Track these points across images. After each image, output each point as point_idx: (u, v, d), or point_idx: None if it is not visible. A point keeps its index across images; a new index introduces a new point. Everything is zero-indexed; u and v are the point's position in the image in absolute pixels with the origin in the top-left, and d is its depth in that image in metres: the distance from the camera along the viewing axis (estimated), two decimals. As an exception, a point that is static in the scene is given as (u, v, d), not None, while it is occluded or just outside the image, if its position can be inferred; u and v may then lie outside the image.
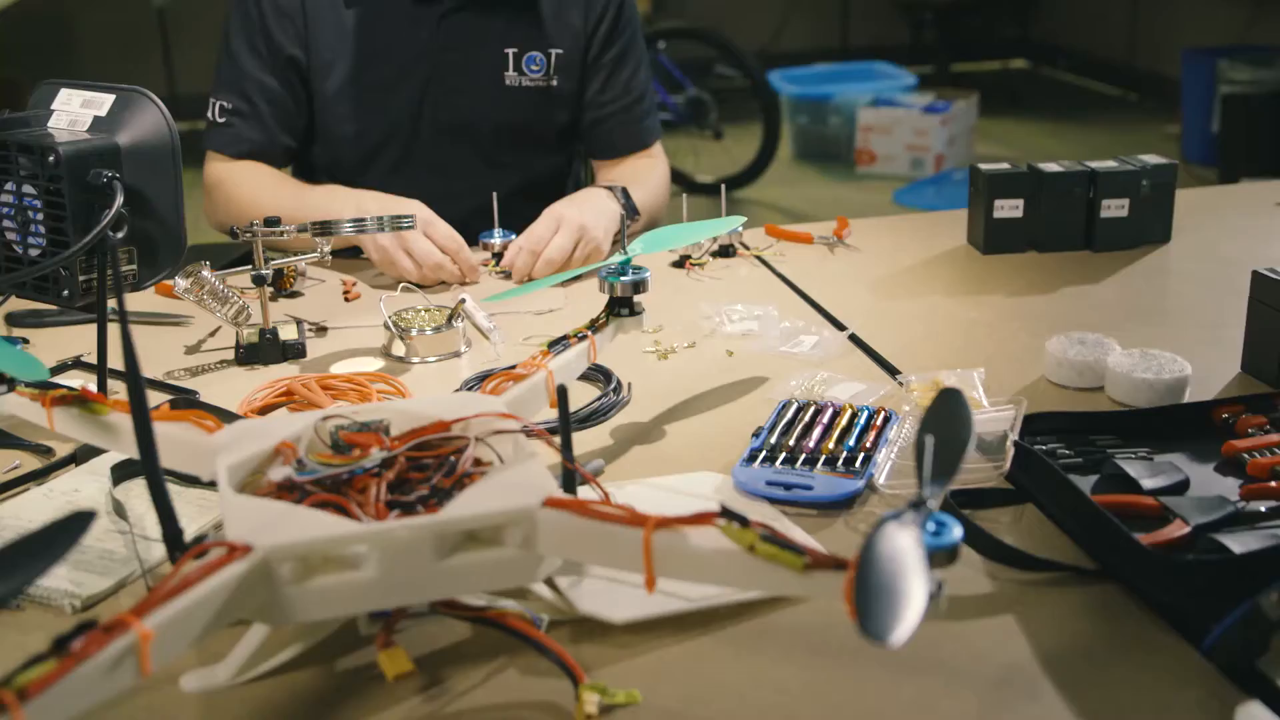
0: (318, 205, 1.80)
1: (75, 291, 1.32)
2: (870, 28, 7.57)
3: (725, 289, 1.74)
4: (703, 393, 1.41)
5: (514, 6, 1.97)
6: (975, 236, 1.87)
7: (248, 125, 1.94)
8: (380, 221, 1.49)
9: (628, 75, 2.07)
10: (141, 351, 1.49)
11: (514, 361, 1.47)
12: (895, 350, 1.51)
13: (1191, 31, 6.37)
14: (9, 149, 1.32)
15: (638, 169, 2.10)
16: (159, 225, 1.36)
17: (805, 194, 5.47)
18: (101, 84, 1.38)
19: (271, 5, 1.94)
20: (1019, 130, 6.41)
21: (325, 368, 1.50)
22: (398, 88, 1.96)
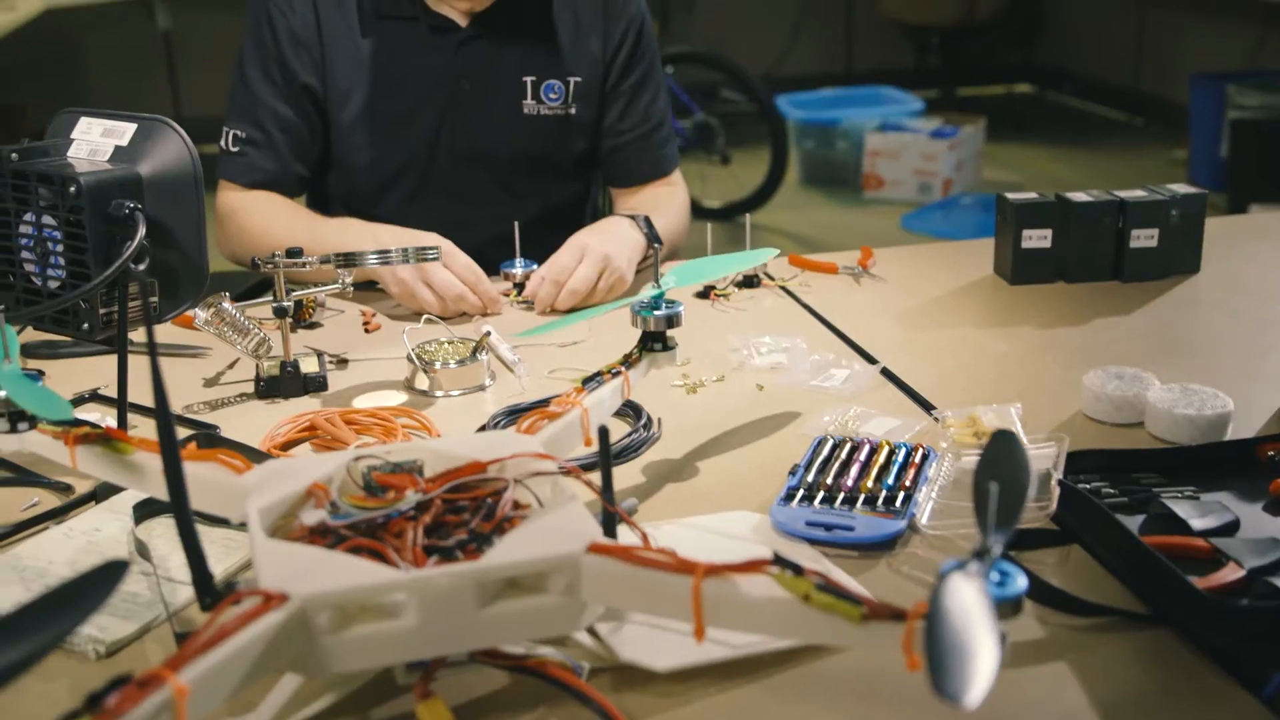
0: (331, 238, 1.77)
1: (96, 325, 1.30)
2: (874, 52, 7.57)
3: (751, 320, 1.71)
4: (734, 428, 1.38)
5: (532, 34, 1.95)
6: (1003, 266, 1.85)
7: (261, 155, 1.91)
8: (405, 253, 1.47)
9: (646, 102, 2.05)
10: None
11: (540, 395, 1.45)
12: (927, 384, 1.48)
13: (1197, 56, 6.36)
14: (29, 179, 1.30)
15: (657, 197, 2.08)
16: (181, 256, 1.33)
17: (813, 219, 5.45)
18: (122, 113, 1.36)
19: (287, 33, 1.92)
20: (1026, 155, 6.39)
21: (347, 401, 1.47)
22: (415, 116, 1.94)
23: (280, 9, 1.91)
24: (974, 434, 1.33)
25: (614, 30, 2.00)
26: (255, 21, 1.94)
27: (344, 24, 1.92)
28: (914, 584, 1.08)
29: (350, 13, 1.92)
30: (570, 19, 1.97)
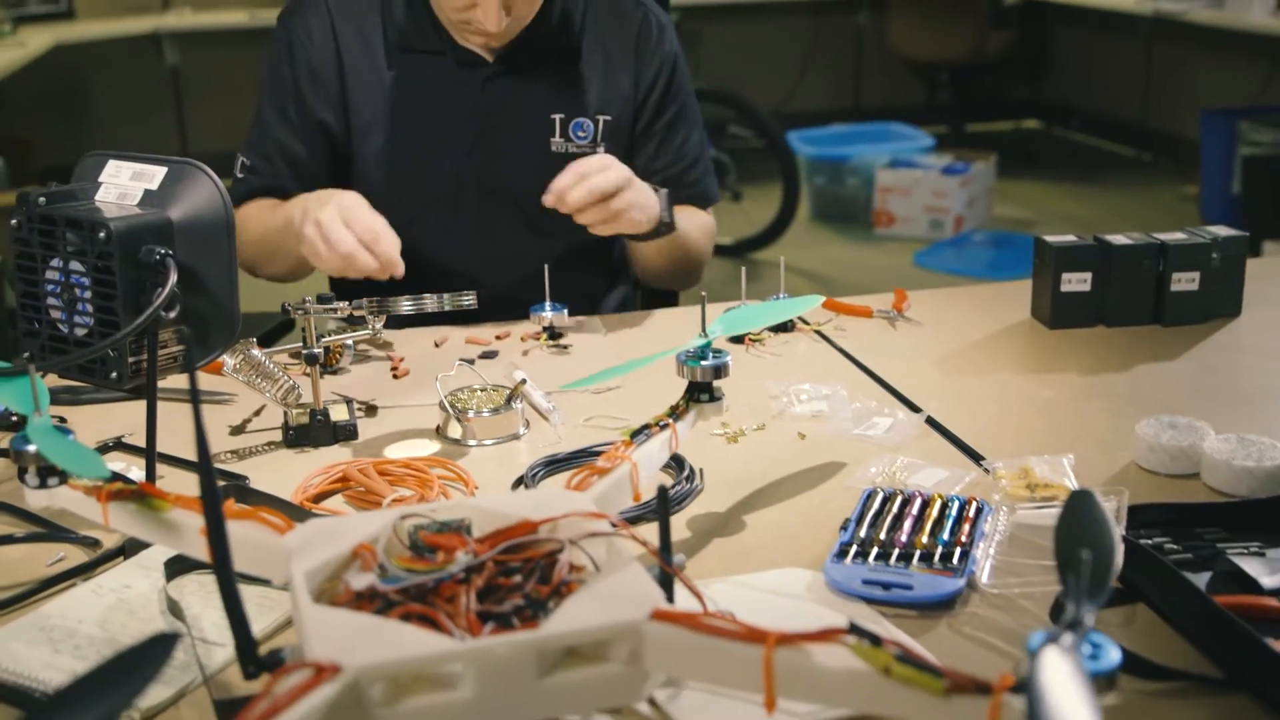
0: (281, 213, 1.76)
1: (125, 374, 1.26)
2: (883, 87, 7.57)
3: (787, 366, 1.67)
4: (779, 479, 1.35)
5: (561, 71, 1.92)
6: (1041, 310, 1.81)
7: (260, 179, 1.91)
8: (440, 299, 1.44)
9: (679, 141, 2.02)
10: (181, 432, 1.44)
11: (576, 444, 1.41)
12: (973, 433, 1.44)
13: (1206, 92, 6.35)
14: (56, 224, 1.26)
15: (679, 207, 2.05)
16: (211, 303, 1.29)
17: (824, 256, 5.42)
18: (152, 156, 1.32)
19: (306, 67, 1.89)
20: (1036, 191, 6.37)
21: (378, 451, 1.43)
22: (441, 151, 1.91)
23: (300, 42, 1.89)
24: (1027, 486, 1.29)
25: (646, 70, 1.97)
26: (275, 54, 1.92)
27: (367, 57, 1.89)
28: (978, 646, 1.04)
29: (375, 45, 1.89)
30: (601, 57, 1.94)
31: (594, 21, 1.94)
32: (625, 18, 1.97)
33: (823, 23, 7.41)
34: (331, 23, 1.90)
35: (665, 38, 2.00)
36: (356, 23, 1.90)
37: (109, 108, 6.57)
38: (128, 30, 6.07)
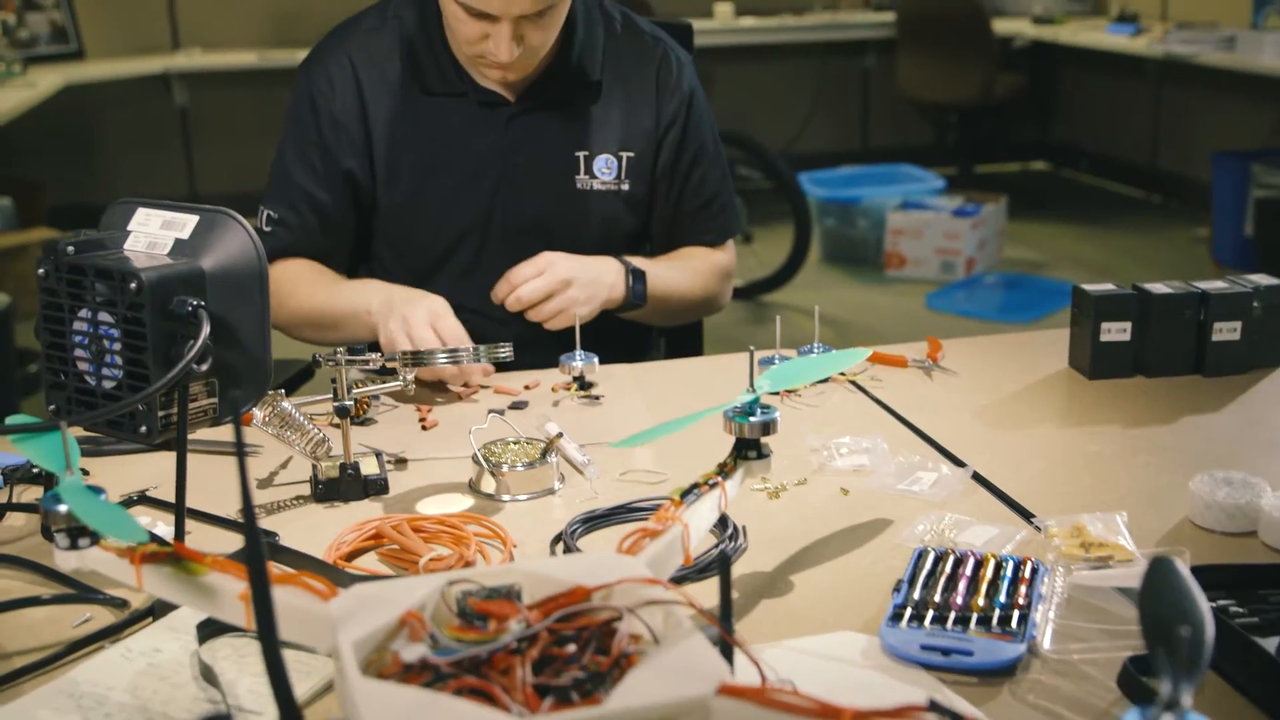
0: (347, 300, 1.81)
1: (154, 428, 1.22)
2: (890, 129, 7.57)
3: (824, 417, 1.64)
4: (824, 537, 1.31)
5: (583, 108, 1.91)
6: (1079, 360, 1.78)
7: (290, 234, 1.89)
8: (476, 353, 1.40)
9: (699, 178, 2.00)
10: (208, 485, 1.40)
11: (613, 499, 1.38)
12: (1020, 488, 1.41)
13: (1216, 134, 6.34)
14: (85, 274, 1.23)
15: (686, 253, 2.03)
16: (243, 356, 1.26)
17: (835, 298, 5.39)
18: (183, 204, 1.29)
19: (329, 117, 1.87)
20: (1046, 233, 6.35)
21: (410, 506, 1.40)
22: (466, 194, 1.89)
23: (322, 92, 1.88)
24: (1081, 545, 1.25)
25: (666, 106, 1.95)
26: (297, 104, 1.90)
27: (390, 103, 1.87)
28: (1045, 716, 1.00)
29: (397, 91, 1.87)
30: (622, 93, 1.93)
31: (614, 58, 1.93)
32: (645, 54, 1.96)
33: (830, 64, 7.42)
34: (354, 71, 1.88)
35: (685, 74, 1.99)
36: (378, 70, 1.88)
37: (117, 148, 6.56)
38: (138, 71, 6.07)
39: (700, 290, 2.01)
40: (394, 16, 1.91)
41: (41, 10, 6.06)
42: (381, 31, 1.90)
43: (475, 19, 1.73)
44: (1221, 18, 6.06)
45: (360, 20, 1.93)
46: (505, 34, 1.73)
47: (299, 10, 6.58)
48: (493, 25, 1.73)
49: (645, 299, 1.84)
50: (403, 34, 1.89)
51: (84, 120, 6.41)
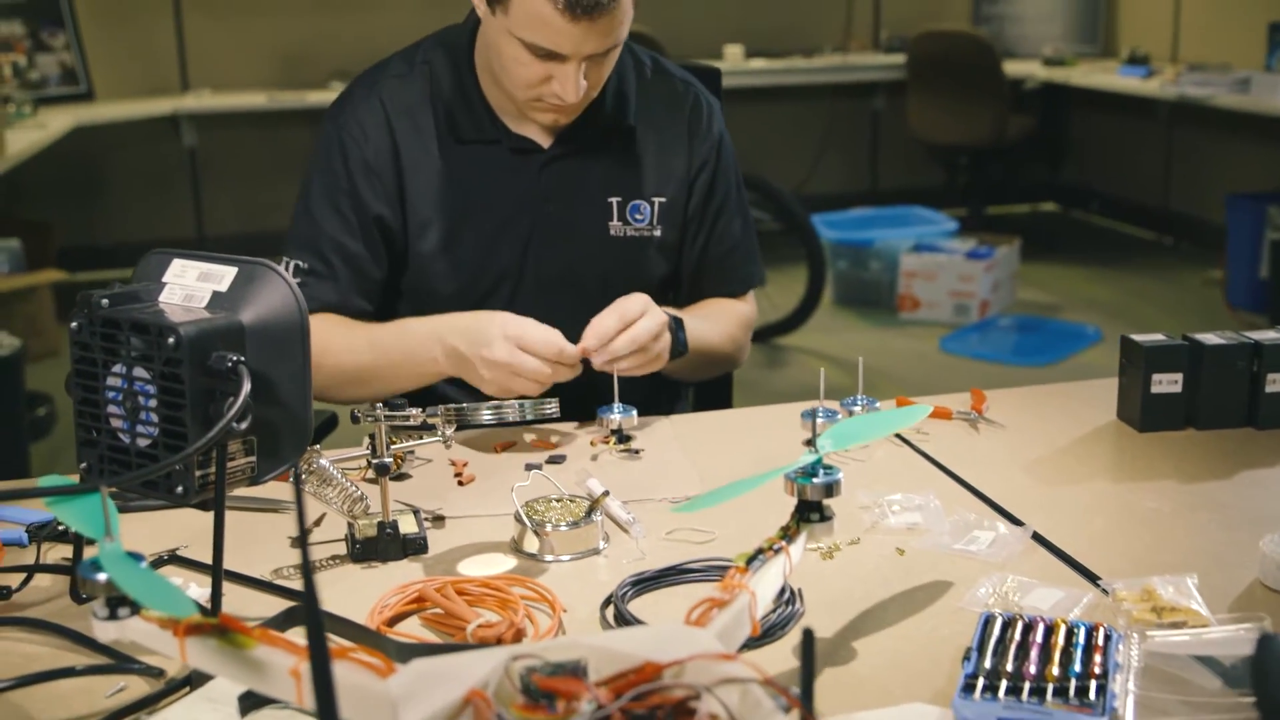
0: (391, 345, 1.74)
1: (191, 489, 1.18)
2: (899, 170, 7.55)
3: (871, 473, 1.59)
4: (883, 600, 1.26)
5: (616, 153, 1.88)
6: (1128, 412, 1.73)
7: (321, 286, 1.82)
8: (522, 408, 1.36)
9: (726, 223, 1.97)
10: (239, 542, 1.35)
11: (661, 560, 1.33)
12: (1081, 547, 1.36)
13: (1229, 176, 6.32)
14: (120, 328, 1.19)
15: (711, 306, 1.99)
16: (283, 412, 1.22)
17: (848, 341, 5.35)
18: (220, 255, 1.25)
19: (360, 163, 1.83)
20: (1058, 275, 6.32)
21: (451, 566, 1.35)
22: (499, 242, 1.85)
23: (354, 138, 1.83)
24: (1152, 610, 1.21)
25: (698, 150, 1.92)
26: (326, 150, 1.85)
27: (422, 150, 1.83)
28: (1133, 797, 0.95)
29: (429, 138, 1.83)
30: (654, 138, 1.90)
31: (646, 103, 1.90)
32: (676, 98, 1.93)
33: (839, 106, 7.40)
34: (386, 117, 1.84)
35: (715, 119, 1.96)
36: (410, 116, 1.84)
37: (126, 189, 6.53)
38: (148, 112, 6.04)
39: (729, 343, 1.97)
40: (423, 62, 1.87)
41: (51, 52, 6.05)
42: (410, 78, 1.86)
43: (541, 60, 1.69)
44: (1234, 59, 6.05)
45: (388, 66, 1.89)
46: (573, 74, 1.69)
47: (308, 52, 6.57)
48: (559, 66, 1.69)
49: (688, 348, 1.80)
50: (433, 80, 1.85)
51: (93, 161, 6.39)
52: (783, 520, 1.40)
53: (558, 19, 1.63)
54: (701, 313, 1.95)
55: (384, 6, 6.66)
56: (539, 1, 1.63)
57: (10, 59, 5.81)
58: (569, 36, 1.65)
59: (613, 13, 1.65)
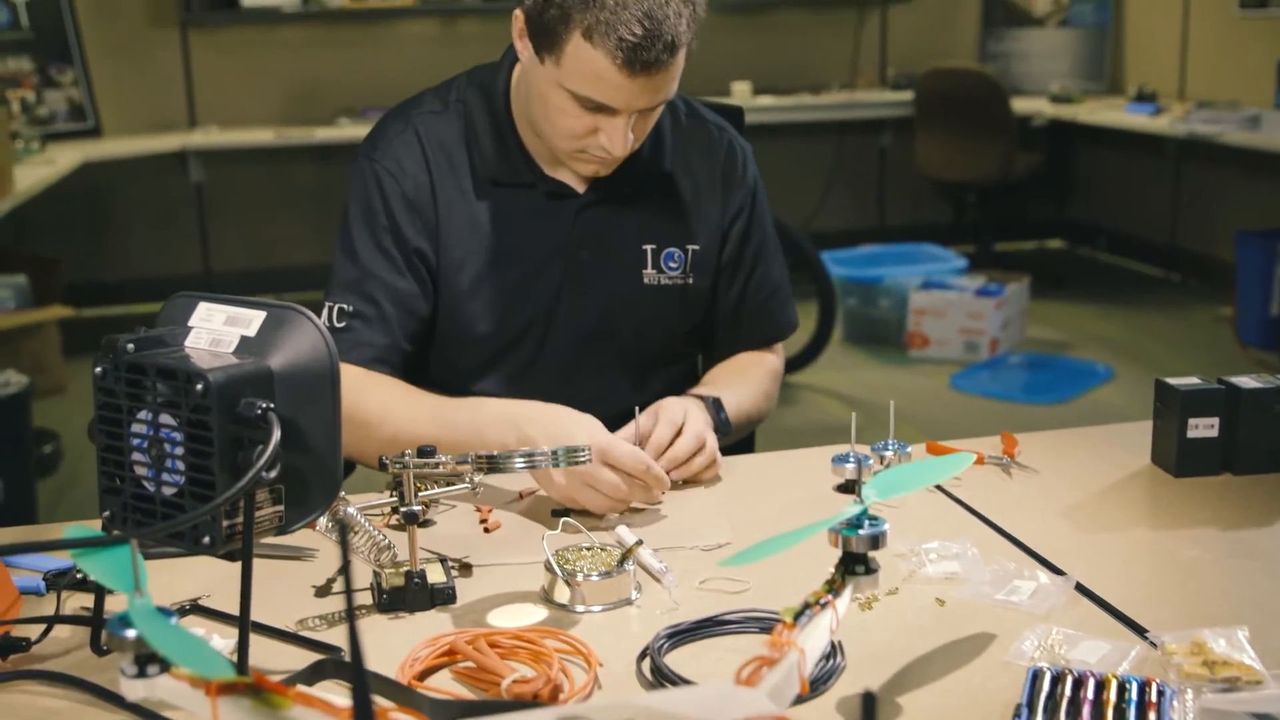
0: (462, 423, 1.64)
1: (218, 539, 1.15)
2: (906, 207, 7.54)
3: (904, 520, 1.55)
4: (925, 653, 1.23)
5: (651, 200, 1.84)
6: (1163, 457, 1.70)
7: (371, 330, 1.76)
8: (555, 456, 1.33)
9: (762, 270, 1.94)
10: (262, 592, 1.31)
11: (696, 611, 1.30)
12: (1124, 597, 1.33)
13: (1236, 213, 6.31)
14: (146, 373, 1.16)
15: (744, 364, 1.96)
16: (312, 460, 1.19)
17: (858, 379, 5.33)
18: (247, 299, 1.23)
19: (400, 198, 1.79)
20: (1067, 312, 6.30)
21: (481, 616, 1.32)
22: (532, 286, 1.81)
23: (390, 173, 1.79)
24: (1204, 664, 1.17)
25: (732, 198, 1.89)
26: (362, 189, 1.80)
27: (457, 189, 1.80)
28: None
29: (464, 178, 1.80)
30: (689, 184, 1.87)
31: (680, 148, 1.87)
32: (711, 145, 1.90)
33: (846, 143, 7.41)
34: (423, 151, 1.80)
35: (749, 165, 1.93)
36: (445, 154, 1.81)
37: (132, 225, 6.53)
38: (155, 148, 6.04)
39: (764, 402, 1.95)
40: (457, 101, 1.84)
41: (60, 88, 6.05)
42: (445, 115, 1.83)
43: (589, 112, 1.65)
44: (1242, 96, 6.05)
45: (421, 102, 1.85)
46: (622, 128, 1.66)
47: (315, 89, 6.57)
48: (608, 119, 1.65)
49: (731, 426, 1.78)
50: (467, 120, 1.82)
51: (100, 197, 6.38)
52: (817, 568, 1.38)
53: (615, 74, 1.59)
54: (734, 379, 1.91)
55: (391, 43, 6.68)
56: (596, 55, 1.58)
57: (19, 95, 5.82)
58: (624, 91, 1.61)
59: (669, 68, 1.62)
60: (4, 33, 5.90)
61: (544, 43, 1.63)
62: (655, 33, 1.57)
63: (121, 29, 6.34)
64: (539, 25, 1.63)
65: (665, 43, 1.58)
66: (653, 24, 1.57)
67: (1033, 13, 7.42)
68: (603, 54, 1.58)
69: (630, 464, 1.52)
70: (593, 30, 1.57)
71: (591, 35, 1.58)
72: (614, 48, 1.57)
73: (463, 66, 1.90)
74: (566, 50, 1.61)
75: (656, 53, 1.58)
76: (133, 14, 6.37)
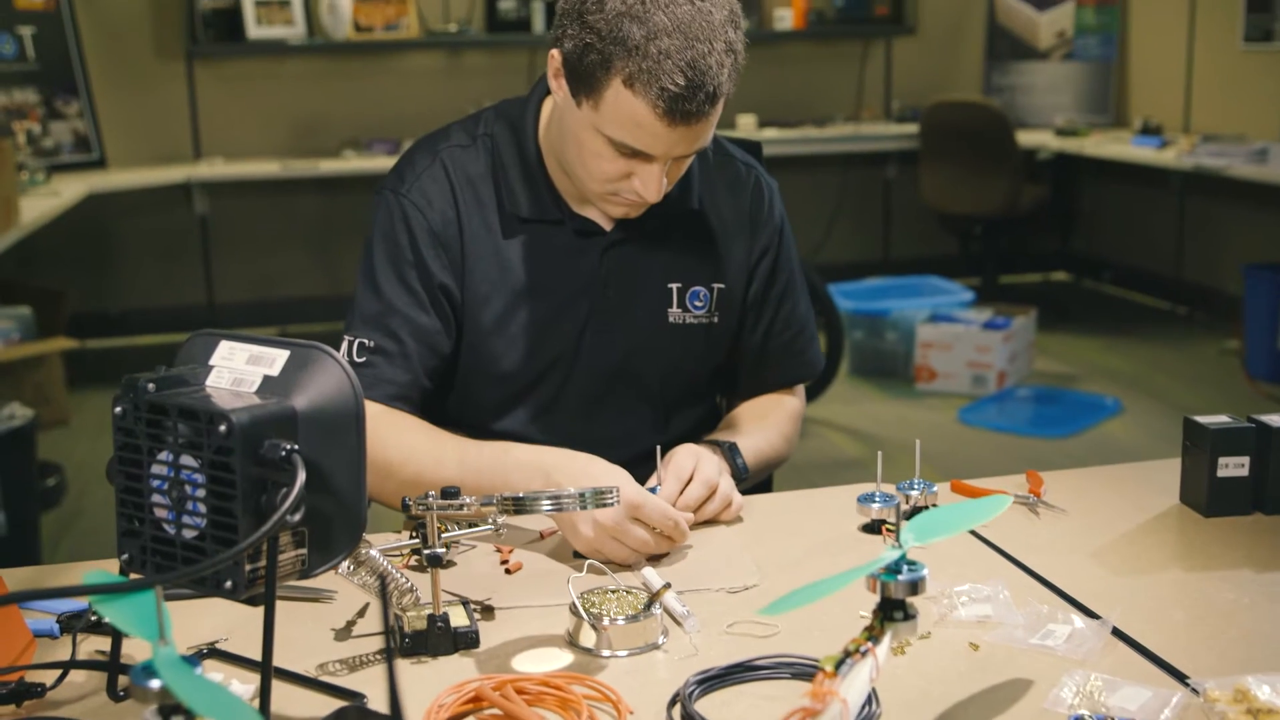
0: (486, 467, 1.61)
1: (241, 584, 1.12)
2: (911, 240, 7.54)
3: (933, 561, 1.50)
4: (962, 700, 1.20)
5: (678, 238, 1.81)
6: (1193, 497, 1.68)
7: (392, 366, 1.72)
8: (583, 499, 1.30)
9: (790, 308, 1.92)
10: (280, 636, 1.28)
11: (726, 655, 1.27)
12: (1162, 642, 1.30)
13: (1242, 245, 6.30)
14: (168, 414, 1.14)
15: (765, 407, 1.93)
16: (336, 503, 1.16)
17: (866, 412, 5.30)
18: (270, 338, 1.20)
19: (426, 233, 1.75)
20: (1073, 345, 6.28)
21: (505, 661, 1.29)
22: (557, 324, 1.78)
23: (418, 207, 1.76)
24: (1248, 712, 1.15)
25: (760, 236, 1.87)
26: (387, 223, 1.77)
27: (484, 224, 1.77)
28: None
29: (491, 214, 1.77)
30: (716, 222, 1.84)
31: (709, 186, 1.84)
32: (738, 182, 1.87)
33: (851, 175, 7.41)
34: (451, 186, 1.77)
35: (776, 203, 1.91)
36: (473, 189, 1.78)
37: (136, 256, 6.51)
38: (160, 180, 6.03)
39: (783, 444, 1.92)
40: (484, 134, 1.81)
41: (65, 119, 6.05)
42: (473, 150, 1.80)
43: (625, 157, 1.62)
44: (1248, 130, 6.05)
45: (449, 134, 1.82)
46: (657, 174, 1.63)
47: (320, 121, 6.57)
48: (644, 165, 1.62)
49: (748, 471, 1.76)
50: (495, 154, 1.79)
51: (105, 229, 6.37)
52: (845, 611, 1.36)
53: (655, 123, 1.56)
54: (753, 422, 1.88)
55: (397, 76, 6.68)
56: (637, 103, 1.55)
57: (24, 126, 5.81)
58: (662, 140, 1.58)
59: (709, 117, 1.58)
60: (10, 64, 5.90)
61: (582, 86, 1.60)
62: (698, 83, 1.54)
63: (127, 61, 6.35)
64: (577, 69, 1.59)
65: (707, 93, 1.55)
66: (695, 74, 1.53)
67: (1037, 46, 7.43)
68: (643, 103, 1.55)
69: (659, 521, 1.50)
70: (634, 79, 1.54)
71: (633, 83, 1.54)
72: (655, 97, 1.54)
73: (468, 99, 1.88)
74: (605, 96, 1.57)
75: (698, 103, 1.55)
76: (138, 46, 6.38)
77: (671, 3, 1.53)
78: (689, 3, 1.54)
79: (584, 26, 1.57)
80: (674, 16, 1.53)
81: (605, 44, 1.55)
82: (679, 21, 1.53)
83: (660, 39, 1.52)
